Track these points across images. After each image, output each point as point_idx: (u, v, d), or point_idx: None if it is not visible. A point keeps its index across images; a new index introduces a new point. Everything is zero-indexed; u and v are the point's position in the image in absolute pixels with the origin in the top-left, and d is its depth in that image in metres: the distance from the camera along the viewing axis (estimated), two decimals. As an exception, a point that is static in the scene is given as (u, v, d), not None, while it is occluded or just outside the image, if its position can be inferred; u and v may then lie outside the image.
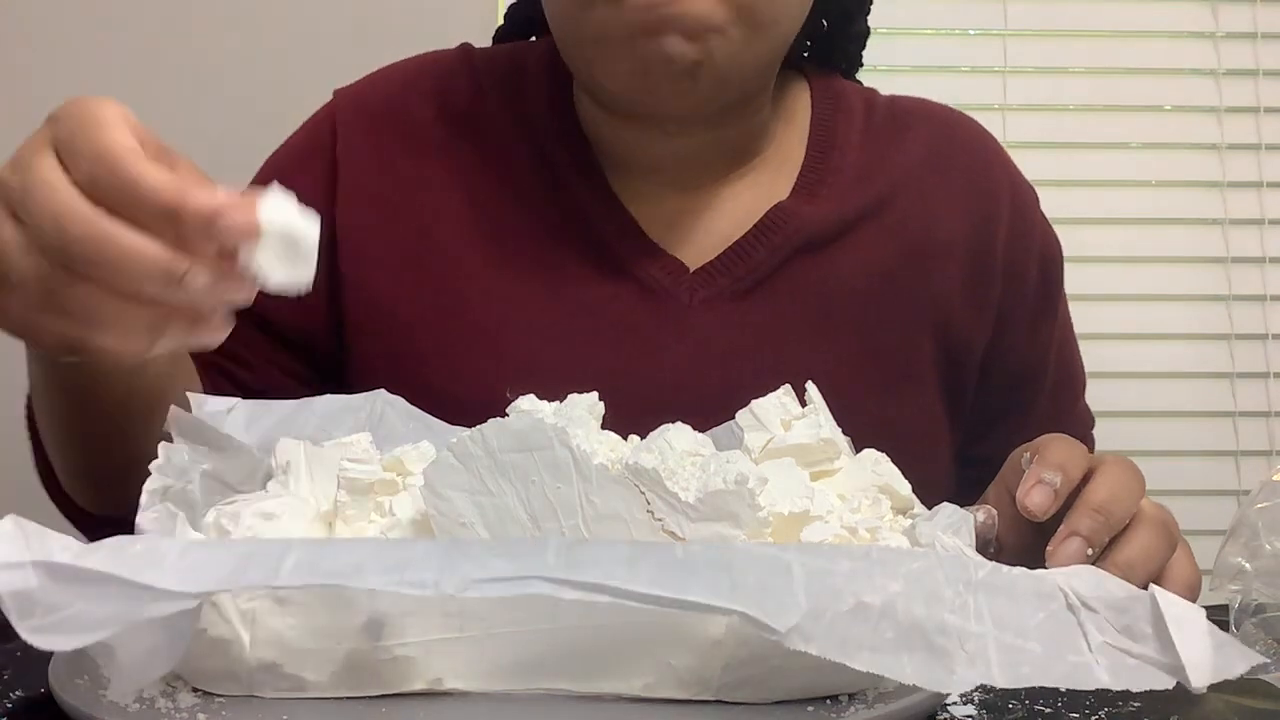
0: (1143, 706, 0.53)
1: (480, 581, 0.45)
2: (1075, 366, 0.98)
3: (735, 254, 0.86)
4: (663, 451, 0.55)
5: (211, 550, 0.47)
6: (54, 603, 0.45)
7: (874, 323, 0.87)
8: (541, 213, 0.87)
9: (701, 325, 0.85)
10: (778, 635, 0.45)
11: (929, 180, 0.90)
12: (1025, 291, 0.91)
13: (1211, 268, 1.61)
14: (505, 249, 0.86)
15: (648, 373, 0.83)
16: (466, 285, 0.86)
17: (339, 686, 0.50)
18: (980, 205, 0.90)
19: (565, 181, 0.87)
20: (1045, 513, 0.64)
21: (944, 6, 1.60)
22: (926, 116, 0.94)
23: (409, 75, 0.92)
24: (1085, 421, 0.99)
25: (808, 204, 0.87)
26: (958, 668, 0.46)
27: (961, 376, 0.90)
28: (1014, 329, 0.91)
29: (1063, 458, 0.66)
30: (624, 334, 0.84)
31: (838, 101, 0.92)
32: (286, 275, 0.52)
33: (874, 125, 0.92)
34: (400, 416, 0.73)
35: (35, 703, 0.53)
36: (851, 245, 0.87)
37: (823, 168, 0.89)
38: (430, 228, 0.87)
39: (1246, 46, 1.61)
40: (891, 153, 0.91)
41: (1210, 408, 1.60)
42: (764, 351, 0.85)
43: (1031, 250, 0.92)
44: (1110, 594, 0.49)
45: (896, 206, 0.89)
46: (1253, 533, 0.60)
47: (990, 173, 0.92)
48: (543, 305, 0.85)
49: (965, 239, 0.89)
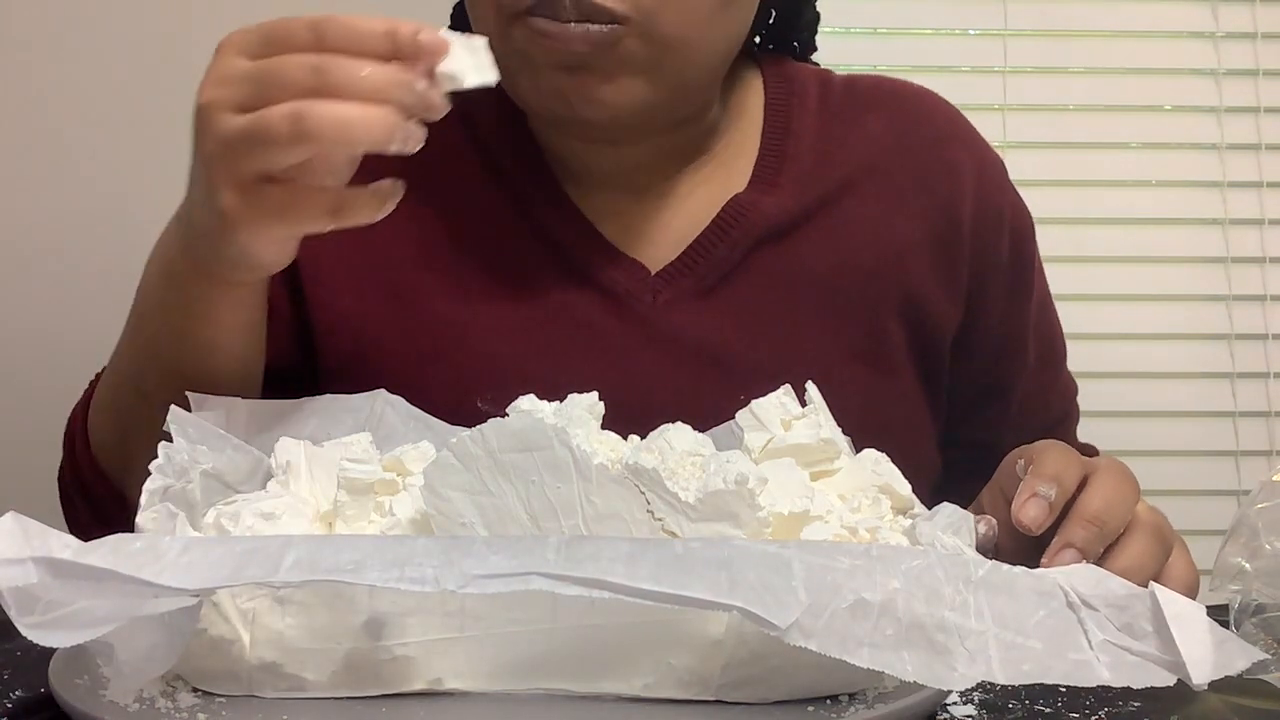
0: (1143, 706, 0.53)
1: (480, 577, 0.45)
2: (1056, 338, 0.96)
3: (696, 252, 0.85)
4: (663, 451, 0.55)
5: (212, 547, 0.47)
6: (54, 599, 0.45)
7: (844, 310, 0.86)
8: (500, 225, 0.86)
9: (668, 326, 0.84)
10: (778, 631, 0.45)
11: (889, 161, 0.89)
12: (998, 266, 0.90)
13: (1211, 268, 1.60)
14: (466, 263, 0.85)
15: (617, 378, 0.82)
16: (429, 300, 0.85)
17: (339, 686, 0.50)
18: (944, 183, 0.88)
19: (521, 192, 0.87)
20: (1040, 527, 0.64)
21: (944, 6, 1.60)
22: (886, 94, 0.92)
23: None
24: (1068, 393, 0.98)
25: (766, 194, 0.86)
26: (959, 664, 0.46)
27: (936, 358, 0.89)
28: (989, 305, 0.90)
29: (1057, 468, 0.66)
30: (591, 340, 0.84)
31: (790, 86, 0.90)
32: (478, 76, 0.62)
33: (830, 108, 0.90)
34: (400, 416, 0.73)
35: (35, 703, 0.53)
36: (814, 233, 0.86)
37: (779, 156, 0.88)
38: (390, 247, 0.85)
39: (1246, 46, 1.61)
40: (850, 134, 0.89)
41: (1210, 408, 1.60)
42: (733, 347, 0.84)
43: (1001, 224, 0.90)
44: (1110, 592, 0.49)
45: (857, 191, 0.88)
46: (1253, 533, 0.60)
47: (952, 147, 0.90)
48: (507, 316, 0.84)
49: (930, 219, 0.88)
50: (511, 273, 0.85)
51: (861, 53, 1.56)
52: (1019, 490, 0.65)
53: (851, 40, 1.55)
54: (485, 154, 0.88)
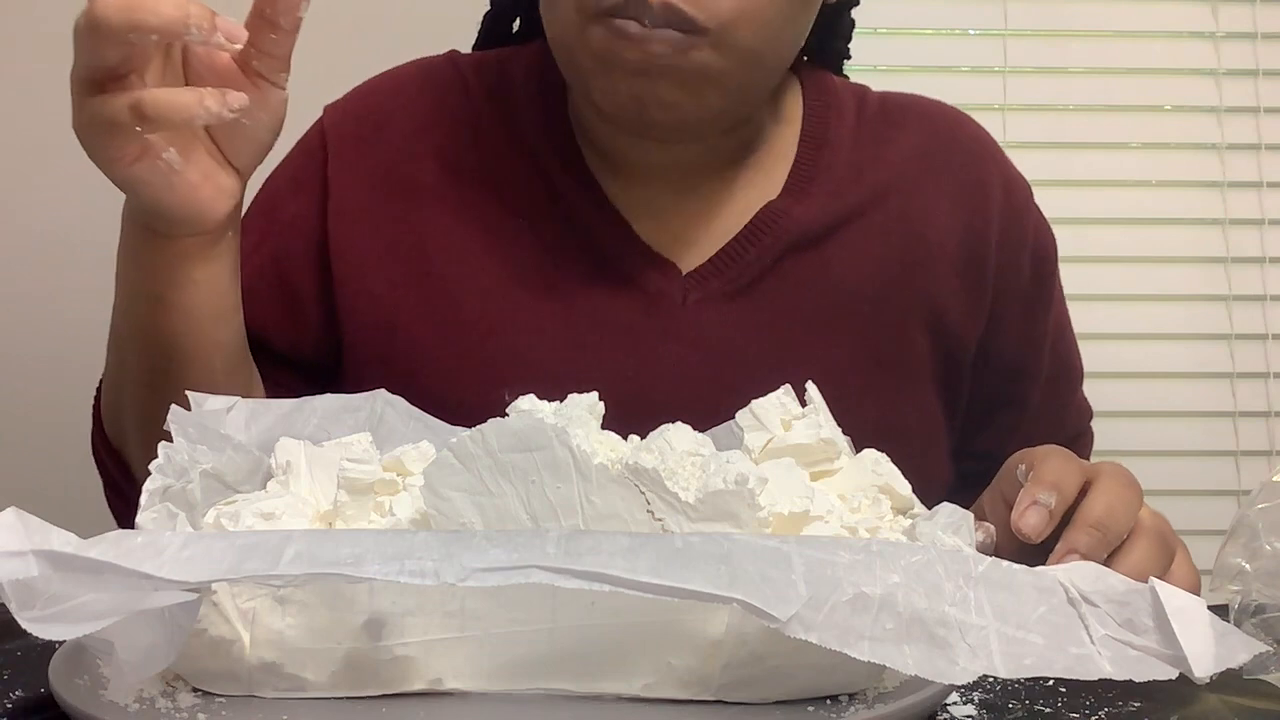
0: (1143, 707, 0.53)
1: (480, 570, 0.45)
2: (1072, 359, 0.98)
3: (728, 255, 0.86)
4: (663, 451, 0.55)
5: (212, 542, 0.47)
6: (55, 593, 0.45)
7: (868, 318, 0.87)
8: (535, 219, 0.87)
9: (697, 326, 0.85)
10: (778, 623, 0.45)
11: (921, 176, 0.91)
12: (1018, 284, 0.92)
13: (1211, 268, 1.61)
14: (499, 256, 0.87)
15: (645, 375, 0.84)
16: (461, 292, 0.86)
17: (339, 686, 0.50)
18: (972, 200, 0.90)
19: (558, 187, 0.88)
20: (1040, 535, 0.64)
21: (944, 6, 1.60)
22: (918, 113, 0.94)
23: (397, 85, 0.93)
24: (1083, 414, 0.99)
25: (799, 202, 0.88)
26: (960, 658, 0.46)
27: (956, 371, 0.90)
28: (1007, 322, 0.91)
29: (1057, 475, 0.66)
30: (620, 336, 0.85)
31: (829, 99, 0.92)
32: None
33: (865, 122, 0.92)
34: (400, 416, 0.73)
35: (35, 703, 0.54)
36: (844, 242, 0.88)
37: (814, 166, 0.89)
38: (424, 237, 0.87)
39: (1246, 46, 1.61)
40: (883, 150, 0.91)
41: (1210, 408, 1.60)
42: (759, 351, 0.85)
43: (1024, 243, 0.92)
44: (1111, 588, 0.49)
45: (888, 203, 0.89)
46: (1253, 533, 0.60)
47: (982, 167, 0.92)
48: (538, 309, 0.85)
49: (957, 234, 0.89)
50: (542, 266, 0.86)
51: (862, 53, 1.54)
52: (1019, 498, 0.65)
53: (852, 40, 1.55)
54: (524, 148, 0.89)
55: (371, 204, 0.88)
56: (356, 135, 0.90)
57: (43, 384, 1.37)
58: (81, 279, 1.34)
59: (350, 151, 0.89)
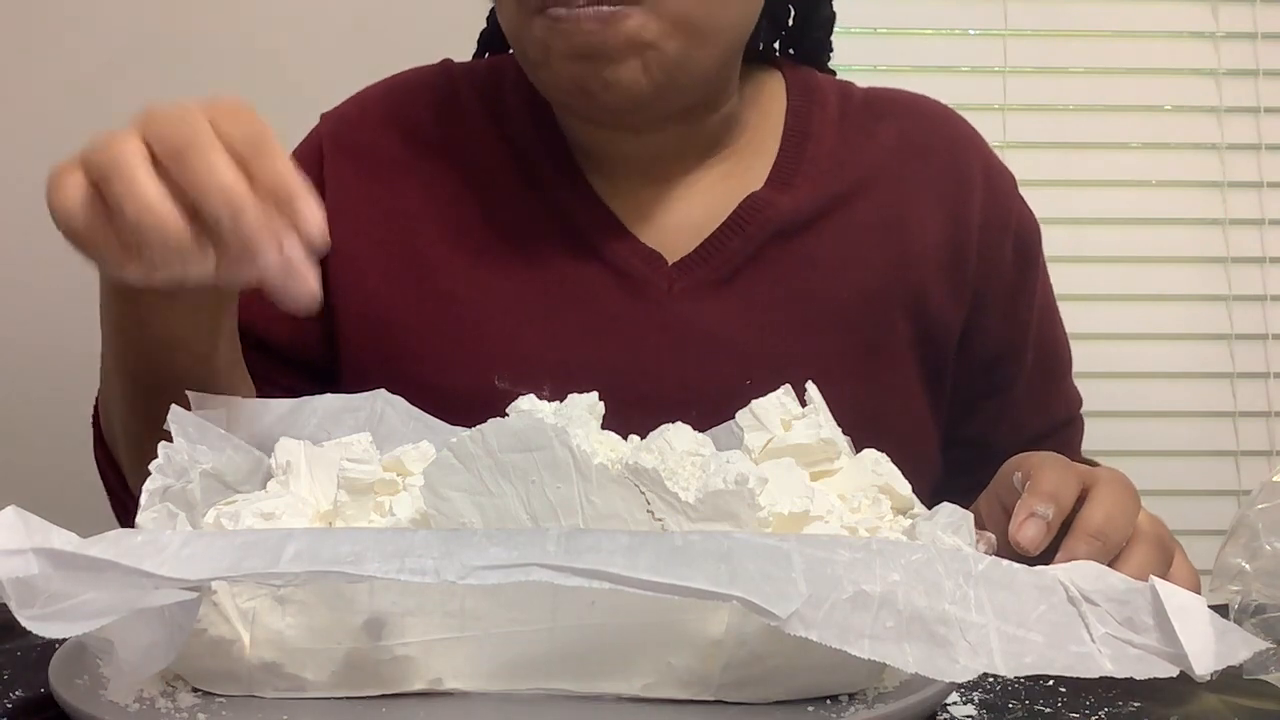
0: (1143, 707, 0.53)
1: (480, 568, 0.45)
2: (1059, 346, 0.98)
3: (713, 245, 0.88)
4: (663, 451, 0.55)
5: (212, 540, 0.47)
6: (55, 591, 0.45)
7: (853, 307, 0.88)
8: (522, 211, 0.89)
9: (682, 314, 0.86)
10: (778, 621, 0.45)
11: (904, 167, 0.91)
12: (1001, 270, 0.92)
13: (1211, 268, 1.61)
14: (489, 248, 0.89)
15: (631, 361, 0.85)
16: (452, 284, 0.88)
17: (339, 686, 0.50)
18: (955, 189, 0.91)
19: (545, 180, 0.90)
20: (1038, 548, 0.64)
21: (944, 6, 1.60)
22: (902, 106, 0.95)
23: (392, 93, 0.96)
24: (1072, 401, 0.99)
25: (782, 193, 0.89)
26: (960, 656, 0.46)
27: (940, 358, 0.91)
28: (991, 308, 0.92)
29: (1054, 485, 0.66)
30: (607, 324, 0.86)
31: (812, 94, 0.93)
32: None
33: (849, 116, 0.93)
34: (400, 416, 0.73)
35: (35, 703, 0.54)
36: (826, 232, 0.89)
37: (797, 157, 0.90)
38: (415, 235, 0.89)
39: (1246, 46, 1.61)
40: (865, 141, 0.92)
41: (1210, 408, 1.60)
42: (745, 339, 0.86)
43: (1007, 229, 0.92)
44: (1111, 587, 0.49)
45: (871, 193, 0.90)
46: (1253, 533, 0.60)
47: (964, 156, 0.93)
48: (527, 299, 0.87)
49: (940, 222, 0.90)
50: (533, 258, 0.88)
51: (862, 53, 1.56)
52: (1016, 509, 0.66)
53: (852, 40, 1.55)
54: (513, 145, 0.91)
55: (363, 208, 0.90)
56: (351, 142, 0.92)
57: (43, 384, 1.38)
58: (82, 279, 1.34)
59: (344, 158, 0.92)
